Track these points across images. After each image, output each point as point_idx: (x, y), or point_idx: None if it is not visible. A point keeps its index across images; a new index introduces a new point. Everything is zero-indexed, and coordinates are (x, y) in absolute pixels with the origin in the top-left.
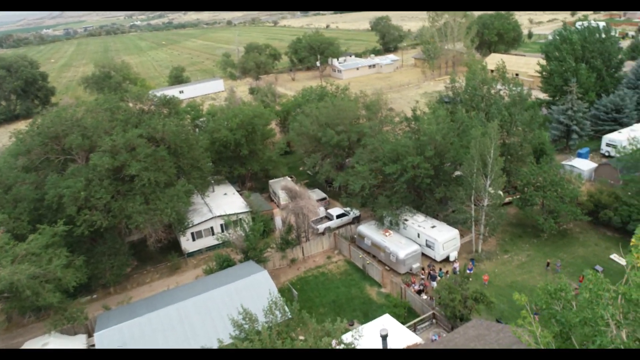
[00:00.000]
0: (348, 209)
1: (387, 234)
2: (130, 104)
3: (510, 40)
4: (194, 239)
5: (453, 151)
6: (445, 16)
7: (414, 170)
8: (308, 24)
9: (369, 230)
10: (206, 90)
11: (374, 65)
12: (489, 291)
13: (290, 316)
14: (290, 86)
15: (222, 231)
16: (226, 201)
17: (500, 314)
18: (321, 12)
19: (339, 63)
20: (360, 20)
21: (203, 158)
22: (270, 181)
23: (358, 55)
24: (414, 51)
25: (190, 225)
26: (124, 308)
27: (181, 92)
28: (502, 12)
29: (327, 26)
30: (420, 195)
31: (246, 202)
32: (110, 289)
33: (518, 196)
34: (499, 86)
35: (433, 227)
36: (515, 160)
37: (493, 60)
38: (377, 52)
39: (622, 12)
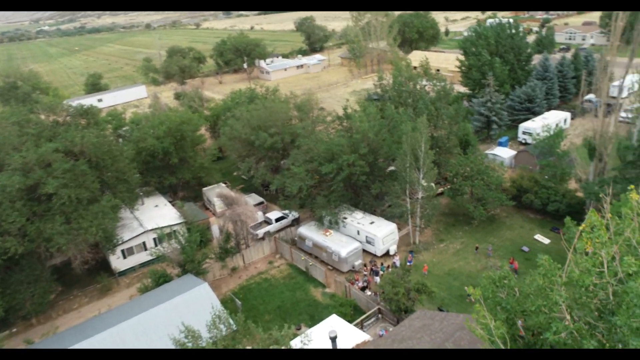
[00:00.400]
0: (287, 211)
1: (327, 233)
2: (42, 116)
3: (429, 38)
4: (125, 257)
5: (386, 147)
6: (368, 15)
7: (350, 168)
8: (232, 25)
9: (309, 231)
10: (128, 98)
11: (301, 66)
12: (429, 281)
13: (235, 328)
14: (217, 90)
15: (156, 245)
16: (158, 213)
17: (441, 302)
18: (244, 13)
19: (267, 64)
20: (285, 21)
21: (129, 170)
22: (204, 189)
23: (285, 56)
24: (339, 50)
25: (120, 242)
26: (50, 340)
27: (100, 100)
28: (420, 11)
29: (252, 27)
30: (357, 193)
31: (180, 213)
32: (32, 320)
33: (449, 187)
34: (424, 82)
35: (372, 223)
36: (443, 152)
37: (415, 57)
38: (303, 53)
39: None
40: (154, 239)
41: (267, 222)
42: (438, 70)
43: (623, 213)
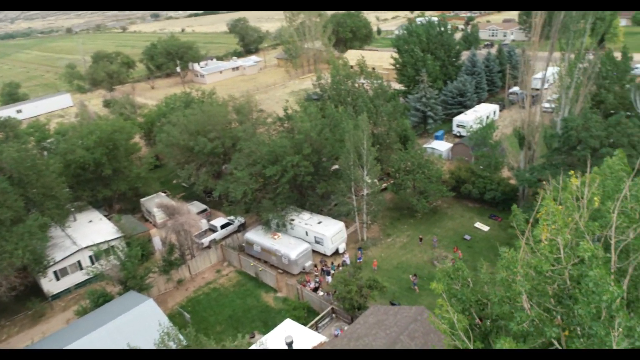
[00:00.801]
0: (232, 217)
1: (275, 237)
2: None
3: (363, 37)
4: (58, 278)
5: (329, 146)
6: (301, 15)
7: (295, 169)
8: (161, 28)
9: (256, 236)
10: (51, 107)
11: (237, 68)
12: (380, 276)
13: (186, 343)
14: (150, 95)
15: (93, 263)
16: (93, 229)
17: (392, 296)
18: (174, 15)
19: (201, 67)
20: (216, 23)
21: (57, 184)
22: (142, 200)
23: (219, 58)
24: (275, 51)
25: (52, 263)
26: None
27: (19, 111)
28: (351, 11)
29: (183, 30)
30: (303, 193)
31: (117, 227)
32: None
33: (392, 182)
34: (361, 80)
35: (319, 222)
36: (384, 148)
37: (351, 56)
38: (238, 54)
39: None
40: (90, 256)
41: (212, 229)
42: (373, 68)
43: (563, 198)
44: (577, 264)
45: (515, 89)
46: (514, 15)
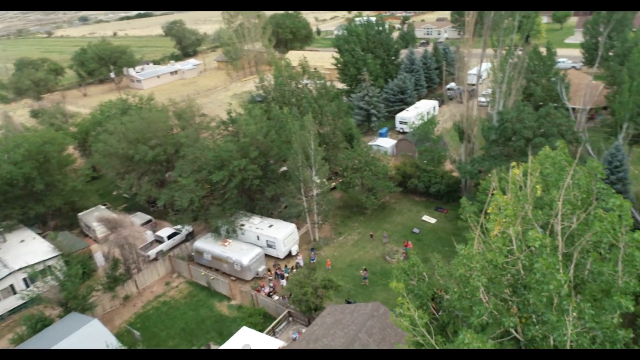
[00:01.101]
0: (179, 226)
1: (226, 243)
2: None
3: (303, 38)
4: None
5: (276, 148)
6: (240, 17)
7: (242, 174)
8: (91, 32)
9: (206, 244)
10: None
11: (176, 72)
12: (334, 275)
13: None
14: (83, 103)
15: (28, 286)
16: (26, 249)
17: (347, 294)
18: (104, 18)
19: (137, 72)
20: (150, 26)
21: None
22: (80, 214)
23: (156, 62)
24: (215, 54)
25: None
26: None
27: None
28: (292, 11)
29: (115, 34)
30: (252, 197)
31: (53, 245)
32: None
33: (340, 180)
34: (304, 81)
35: (271, 226)
36: (331, 147)
37: (292, 57)
38: (176, 58)
39: None
40: (24, 279)
41: (159, 241)
42: (315, 69)
43: (509, 189)
44: (528, 253)
45: (452, 84)
46: (446, 14)
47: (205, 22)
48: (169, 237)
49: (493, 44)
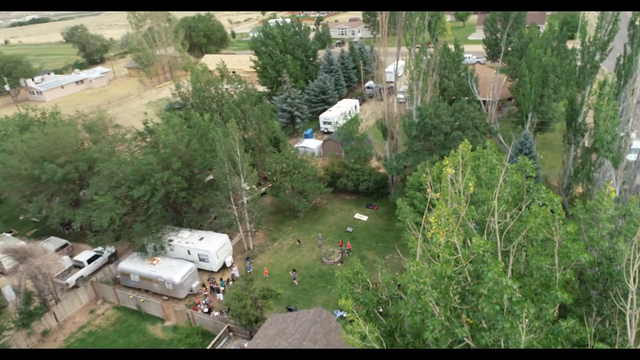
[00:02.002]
0: (100, 248)
1: (154, 262)
2: None
3: (218, 41)
4: None
5: (200, 157)
6: (148, 21)
7: (165, 187)
8: None
9: (132, 264)
10: None
11: (82, 81)
12: (272, 283)
13: None
14: None
15: None
16: None
17: (288, 301)
18: None
19: (37, 83)
20: (48, 32)
21: None
22: None
23: (58, 71)
24: (124, 60)
25: None
26: None
27: None
28: (203, 14)
29: (6, 42)
30: (178, 211)
31: None
32: None
33: (270, 185)
34: (224, 85)
35: (201, 239)
36: (258, 152)
37: (209, 61)
38: (81, 66)
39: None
40: None
41: (78, 266)
42: (234, 72)
43: (441, 187)
44: (474, 259)
45: (371, 83)
46: (358, 14)
47: (111, 27)
48: (90, 260)
49: (407, 42)
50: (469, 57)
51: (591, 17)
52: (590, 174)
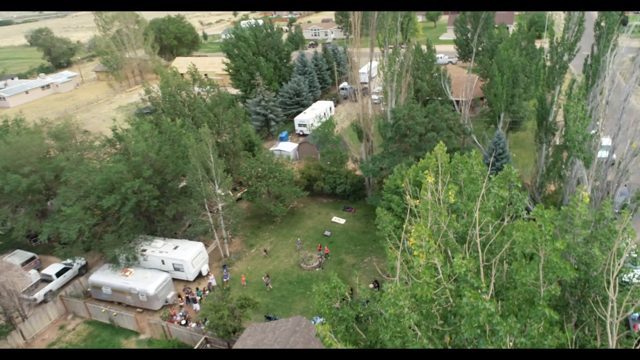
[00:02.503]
0: (69, 260)
1: (127, 273)
2: None
3: (189, 43)
4: None
5: (172, 164)
6: (117, 23)
7: (137, 196)
8: None
9: (104, 276)
10: None
11: (48, 86)
12: (250, 290)
13: None
14: None
15: None
16: None
17: (266, 309)
18: None
19: (0, 89)
20: (11, 35)
21: None
22: None
23: (22, 76)
24: (92, 64)
25: None
26: None
27: None
28: (173, 16)
29: None
30: (151, 219)
31: None
32: None
33: (245, 190)
34: (196, 89)
35: (176, 247)
36: (232, 157)
37: (180, 64)
38: (46, 70)
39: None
40: None
41: (46, 280)
42: (206, 75)
43: (420, 195)
44: (455, 280)
45: (345, 84)
46: (331, 14)
47: (78, 29)
48: (58, 274)
49: (380, 43)
50: (441, 57)
51: (557, 18)
52: (561, 171)
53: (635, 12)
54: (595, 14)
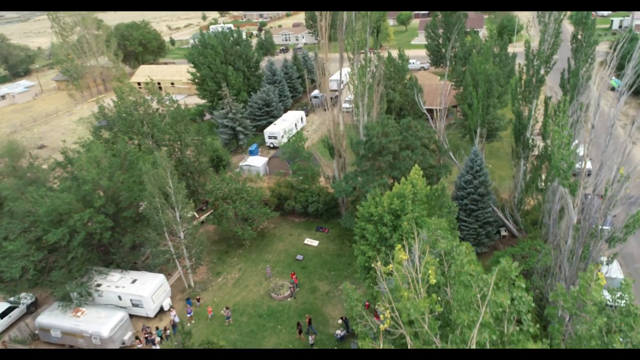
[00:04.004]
0: (13, 298)
1: (79, 313)
2: None
3: (155, 49)
4: None
5: (126, 191)
6: (77, 29)
7: (88, 228)
8: None
9: (53, 317)
10: None
11: (3, 97)
12: (216, 324)
13: None
14: None
15: None
16: None
17: (234, 345)
18: None
19: None
20: None
21: None
22: None
23: None
24: (53, 72)
25: None
26: None
27: None
28: (138, 21)
29: None
30: (106, 250)
31: None
32: None
33: (211, 212)
34: (155, 104)
35: (134, 281)
36: (197, 175)
37: (144, 73)
38: (3, 80)
39: (242, 14)
40: None
41: None
42: (172, 83)
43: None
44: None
45: (317, 92)
46: (301, 18)
47: (40, 35)
48: (3, 314)
49: (348, 48)
50: (413, 63)
51: (525, 20)
52: (538, 185)
53: (602, 15)
54: (570, 27)
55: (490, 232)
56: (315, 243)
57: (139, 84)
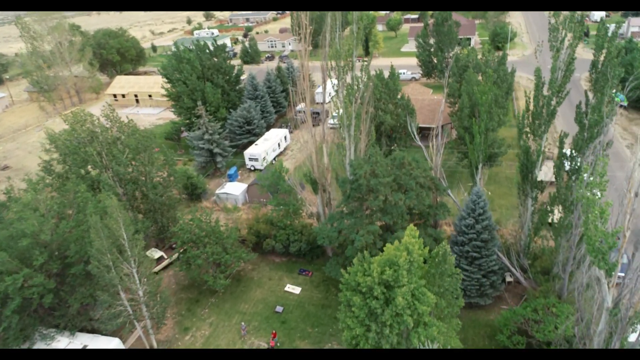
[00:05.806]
0: None
1: None
2: None
3: (134, 58)
4: None
5: (75, 244)
6: (48, 38)
7: (23, 292)
8: None
9: None
10: None
11: None
12: None
13: None
14: None
15: None
16: None
17: None
18: None
19: None
20: None
21: None
22: None
23: None
24: (27, 82)
25: None
26: None
27: None
28: (115, 30)
29: None
30: (53, 310)
31: None
32: None
33: (178, 256)
34: (115, 132)
35: (85, 347)
36: (165, 209)
37: (121, 84)
38: None
39: (228, 18)
40: None
41: None
42: (150, 95)
43: None
44: None
45: (302, 106)
46: (288, 23)
47: (19, 40)
48: None
49: (334, 55)
50: (404, 73)
51: (519, 28)
52: (547, 221)
53: (595, 21)
54: (583, 53)
55: (495, 282)
56: (297, 290)
57: (114, 95)
